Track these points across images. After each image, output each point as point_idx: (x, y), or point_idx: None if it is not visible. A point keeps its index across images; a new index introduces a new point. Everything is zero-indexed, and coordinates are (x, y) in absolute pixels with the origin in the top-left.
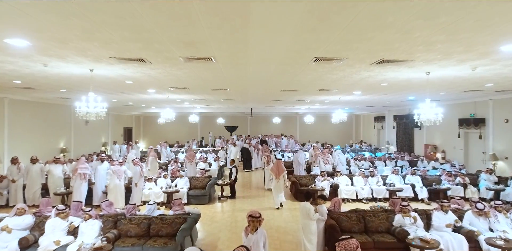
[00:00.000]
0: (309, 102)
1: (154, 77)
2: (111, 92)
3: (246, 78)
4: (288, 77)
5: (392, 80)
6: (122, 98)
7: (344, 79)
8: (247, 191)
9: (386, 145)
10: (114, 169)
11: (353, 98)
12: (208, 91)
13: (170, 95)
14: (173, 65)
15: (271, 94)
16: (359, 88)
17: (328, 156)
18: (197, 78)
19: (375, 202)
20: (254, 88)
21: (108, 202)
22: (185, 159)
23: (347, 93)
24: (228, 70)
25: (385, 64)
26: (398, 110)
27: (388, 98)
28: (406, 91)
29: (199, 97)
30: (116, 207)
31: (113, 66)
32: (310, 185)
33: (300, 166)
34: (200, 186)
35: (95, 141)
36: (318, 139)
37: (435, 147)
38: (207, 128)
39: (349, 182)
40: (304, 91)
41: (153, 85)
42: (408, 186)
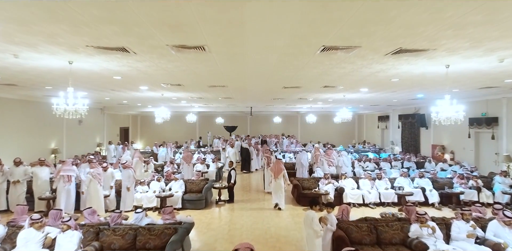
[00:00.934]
0: (311, 100)
1: (144, 72)
2: (101, 89)
3: (245, 73)
4: (291, 72)
5: (404, 75)
6: (115, 96)
7: (352, 74)
8: (246, 194)
9: (390, 145)
10: (94, 173)
11: (359, 96)
12: (204, 89)
13: (165, 93)
14: (162, 56)
15: (272, 92)
16: (367, 85)
17: (332, 157)
18: (191, 73)
19: (383, 207)
20: (253, 85)
21: (91, 210)
22: (182, 160)
23: (353, 91)
24: (223, 62)
25: (402, 55)
26: (403, 109)
27: (395, 96)
28: (417, 88)
29: (196, 96)
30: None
31: (93, 58)
32: (313, 189)
33: (303, 168)
34: (196, 189)
35: (89, 141)
36: (320, 139)
37: (443, 148)
38: (206, 127)
39: (355, 185)
40: (308, 88)
41: (144, 81)
42: (418, 190)
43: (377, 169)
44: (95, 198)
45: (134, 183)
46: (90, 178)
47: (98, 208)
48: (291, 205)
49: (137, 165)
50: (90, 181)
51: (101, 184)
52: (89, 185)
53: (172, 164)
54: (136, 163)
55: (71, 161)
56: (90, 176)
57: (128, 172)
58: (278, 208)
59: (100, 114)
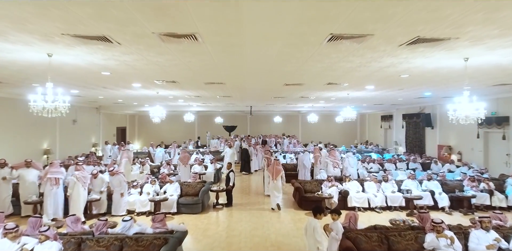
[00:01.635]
0: (313, 99)
1: (133, 67)
2: (92, 87)
3: (243, 68)
4: (293, 66)
5: (416, 70)
6: (109, 94)
7: (360, 69)
8: (245, 197)
9: (394, 146)
10: (79, 175)
11: (363, 95)
12: (201, 86)
13: (160, 91)
14: (149, 47)
15: (273, 90)
16: (374, 82)
17: (337, 158)
18: (185, 69)
19: (390, 211)
20: (253, 82)
21: (74, 218)
22: (178, 161)
23: (358, 88)
24: (219, 55)
25: (418, 45)
26: (407, 108)
27: (401, 95)
28: (427, 86)
29: (193, 94)
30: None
31: (74, 50)
32: (316, 192)
33: (305, 170)
34: (192, 192)
35: (84, 141)
36: (321, 139)
37: (450, 148)
38: (205, 127)
39: (360, 188)
40: (310, 85)
41: (135, 78)
42: (427, 193)
43: (381, 171)
44: (76, 202)
45: (127, 187)
46: (74, 180)
47: (79, 213)
48: (293, 209)
49: (126, 166)
50: (74, 183)
51: (85, 188)
52: (73, 188)
53: (169, 165)
54: (125, 164)
55: (59, 162)
56: (75, 178)
57: (118, 178)
58: (278, 208)
59: (95, 113)
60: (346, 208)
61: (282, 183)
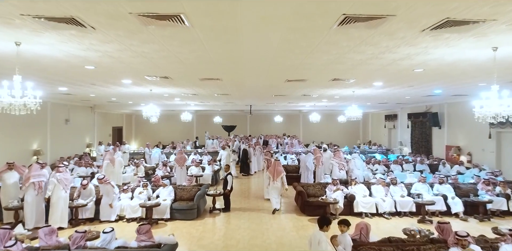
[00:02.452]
0: (316, 97)
1: (118, 59)
2: (79, 83)
3: (240, 61)
4: (297, 59)
5: (433, 64)
6: (100, 92)
7: (370, 61)
8: (244, 201)
9: (399, 146)
10: (60, 177)
11: (369, 92)
12: (196, 83)
13: (154, 89)
14: (130, 33)
15: (273, 87)
16: (383, 78)
17: (343, 159)
18: (176, 62)
19: (399, 217)
20: (252, 78)
21: (48, 229)
22: (174, 162)
23: (364, 85)
24: (212, 44)
25: (445, 30)
26: (413, 107)
27: (410, 92)
28: (441, 82)
29: (189, 92)
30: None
31: (43, 36)
32: (320, 196)
33: (308, 172)
34: (187, 197)
35: (78, 142)
36: (323, 139)
37: (458, 149)
38: (204, 127)
39: (367, 192)
40: (314, 82)
41: (124, 73)
42: (439, 198)
43: (386, 172)
44: (56, 207)
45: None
46: (54, 182)
47: (61, 220)
48: (295, 214)
49: (107, 169)
50: (54, 186)
51: (66, 191)
52: (53, 191)
53: (165, 167)
54: (107, 166)
55: (39, 165)
56: (55, 180)
57: (106, 188)
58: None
59: (90, 113)
60: (352, 213)
61: (283, 185)
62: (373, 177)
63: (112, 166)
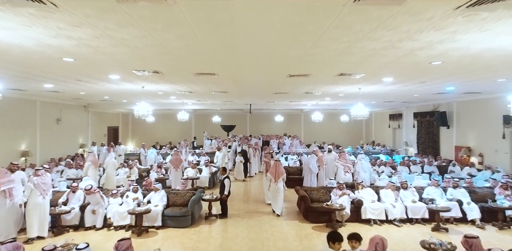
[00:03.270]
0: (319, 95)
1: (98, 50)
2: (63, 79)
3: (237, 52)
4: (301, 48)
5: (455, 54)
6: (90, 90)
7: (384, 52)
8: (243, 206)
9: (404, 147)
10: (37, 182)
11: (376, 90)
12: (190, 78)
13: (146, 86)
14: (101, 12)
15: (274, 84)
16: (395, 72)
17: (349, 162)
18: (164, 52)
19: (410, 224)
20: (250, 73)
21: (12, 245)
22: (169, 164)
23: (373, 81)
24: (202, 28)
25: (485, 8)
26: (419, 106)
27: (420, 90)
28: (457, 77)
29: (184, 89)
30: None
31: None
32: (324, 201)
33: (311, 175)
34: (181, 202)
35: (71, 142)
36: (325, 139)
37: (469, 150)
38: (202, 127)
39: (375, 197)
40: (318, 77)
41: (107, 66)
42: (454, 203)
43: (395, 174)
44: (32, 215)
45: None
46: (31, 187)
47: (40, 229)
48: (297, 221)
49: (89, 171)
50: (30, 191)
51: (44, 196)
52: (29, 197)
53: (160, 168)
54: (88, 168)
55: (5, 170)
56: (32, 185)
57: (95, 198)
58: (276, 214)
59: (83, 112)
60: (360, 220)
61: (284, 187)
62: (378, 178)
63: (94, 168)
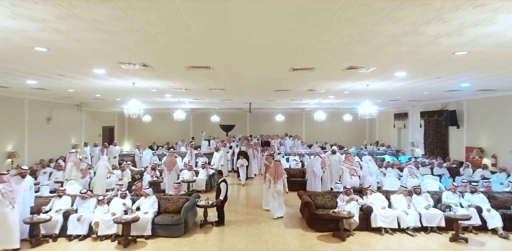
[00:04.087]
0: (323, 93)
1: (70, 36)
2: (43, 73)
3: (233, 39)
4: (309, 34)
5: (485, 42)
6: (77, 86)
7: (404, 39)
8: (241, 212)
9: (410, 147)
10: (4, 190)
11: (385, 87)
12: (183, 73)
13: (137, 82)
14: None
15: (275, 79)
16: (410, 65)
17: (355, 164)
18: (147, 38)
19: (425, 233)
20: (249, 66)
21: None
22: (163, 166)
23: (384, 76)
24: (189, 4)
25: None
26: (426, 105)
27: (432, 86)
28: (477, 71)
29: (178, 85)
30: (7, 248)
31: None
32: (330, 208)
33: (315, 178)
34: (173, 209)
35: (62, 143)
36: (327, 140)
37: (481, 151)
38: (201, 127)
39: (386, 203)
40: (324, 71)
41: (87, 57)
42: (472, 210)
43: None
44: (4, 225)
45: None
46: None
47: (9, 240)
48: (301, 229)
49: (71, 173)
50: None
51: (13, 205)
52: None
53: (154, 171)
54: (71, 169)
55: None
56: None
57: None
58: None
59: (76, 111)
60: (370, 228)
61: (284, 189)
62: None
63: (76, 169)
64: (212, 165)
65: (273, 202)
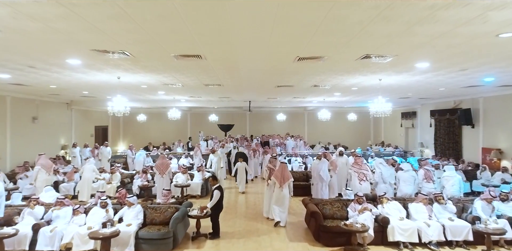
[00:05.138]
0: (328, 89)
1: (15, 9)
2: (11, 65)
3: (228, 16)
4: (321, 6)
5: None
6: (58, 81)
7: (442, 13)
8: (239, 222)
9: (419, 148)
10: None
11: (399, 82)
12: (172, 64)
13: (122, 76)
14: None
15: (277, 72)
16: (438, 52)
17: (364, 167)
18: (120, 16)
19: (450, 248)
20: (247, 54)
21: None
22: (155, 169)
23: (402, 68)
24: None
25: None
26: (437, 103)
27: (451, 81)
28: None
29: (169, 80)
30: None
31: None
32: (340, 218)
33: (322, 184)
34: (161, 220)
35: (50, 143)
36: (330, 140)
37: (500, 152)
38: (199, 126)
39: (404, 213)
40: (335, 61)
41: (53, 43)
42: (503, 221)
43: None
44: None
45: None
46: None
47: None
48: (307, 243)
49: (39, 177)
50: None
51: None
52: None
53: (145, 174)
54: (38, 173)
55: None
56: None
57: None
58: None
59: (65, 110)
60: (386, 243)
61: (290, 193)
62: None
63: (46, 172)
64: (209, 168)
65: (276, 207)
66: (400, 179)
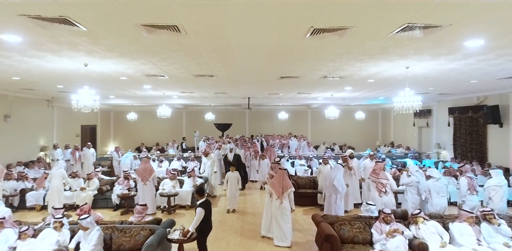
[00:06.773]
0: (339, 81)
1: None
2: None
3: None
4: None
5: None
6: (17, 71)
7: None
8: (233, 243)
9: (436, 149)
10: None
11: (429, 71)
12: (144, 42)
13: (90, 63)
14: None
15: (282, 56)
16: (500, 23)
17: (383, 176)
18: None
19: None
20: (241, 21)
21: None
22: (136, 176)
23: (446, 49)
24: None
25: None
26: (456, 100)
27: (491, 70)
28: None
29: (152, 70)
30: None
31: None
32: (363, 244)
33: (337, 196)
34: (131, 246)
35: (27, 144)
36: (335, 140)
37: None
38: (194, 126)
39: (446, 236)
40: (362, 35)
41: None
42: None
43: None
44: None
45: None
46: None
47: None
48: None
49: None
50: None
51: None
52: None
53: (127, 180)
54: None
55: None
56: None
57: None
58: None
59: (45, 107)
60: None
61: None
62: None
63: None
64: (202, 173)
65: (276, 226)
66: (432, 189)
